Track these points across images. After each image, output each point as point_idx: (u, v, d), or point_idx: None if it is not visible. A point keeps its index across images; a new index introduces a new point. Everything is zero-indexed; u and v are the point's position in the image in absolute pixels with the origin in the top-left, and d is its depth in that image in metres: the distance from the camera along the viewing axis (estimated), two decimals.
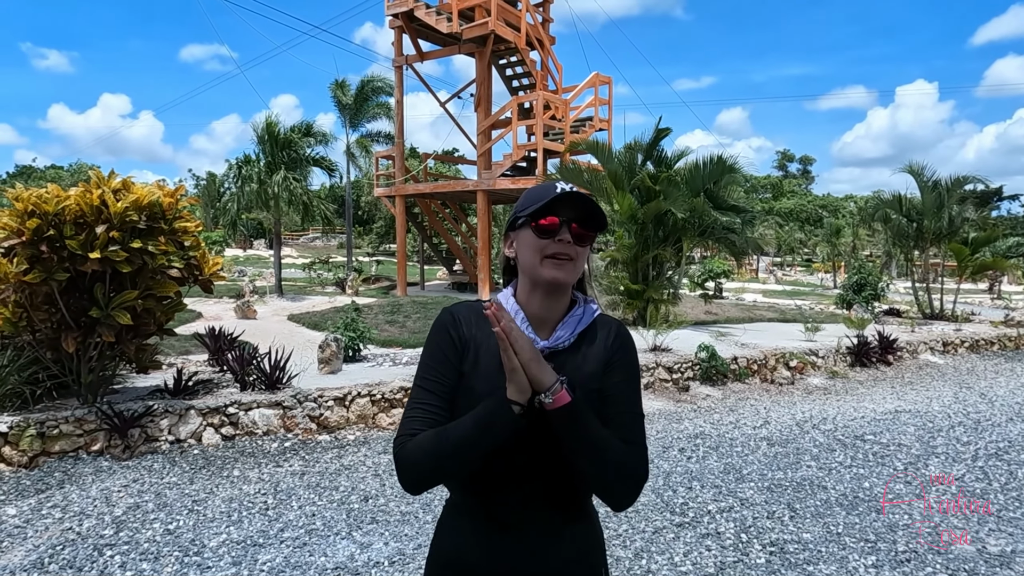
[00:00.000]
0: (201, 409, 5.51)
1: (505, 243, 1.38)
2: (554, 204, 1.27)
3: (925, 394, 8.08)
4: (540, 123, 15.32)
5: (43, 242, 4.74)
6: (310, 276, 23.05)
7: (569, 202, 1.28)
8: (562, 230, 1.27)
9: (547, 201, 1.27)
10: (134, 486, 4.50)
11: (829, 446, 5.69)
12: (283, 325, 11.85)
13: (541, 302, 1.31)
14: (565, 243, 1.26)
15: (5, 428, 4.82)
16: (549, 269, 1.27)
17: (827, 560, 3.49)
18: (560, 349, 1.30)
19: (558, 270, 1.27)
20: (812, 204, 63.17)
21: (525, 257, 1.30)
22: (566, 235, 1.27)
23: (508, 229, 1.37)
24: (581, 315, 1.34)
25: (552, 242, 1.26)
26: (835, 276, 35.38)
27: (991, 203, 16.50)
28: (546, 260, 1.27)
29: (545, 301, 1.31)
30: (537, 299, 1.31)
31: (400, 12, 16.25)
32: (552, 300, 1.31)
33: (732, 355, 8.49)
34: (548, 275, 1.27)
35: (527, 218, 1.29)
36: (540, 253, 1.27)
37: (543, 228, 1.27)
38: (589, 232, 1.30)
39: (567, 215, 1.28)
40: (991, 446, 5.76)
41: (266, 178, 15.77)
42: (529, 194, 1.33)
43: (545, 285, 1.29)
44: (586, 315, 1.34)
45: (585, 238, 1.29)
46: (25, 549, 3.55)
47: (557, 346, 1.30)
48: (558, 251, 1.26)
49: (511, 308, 1.31)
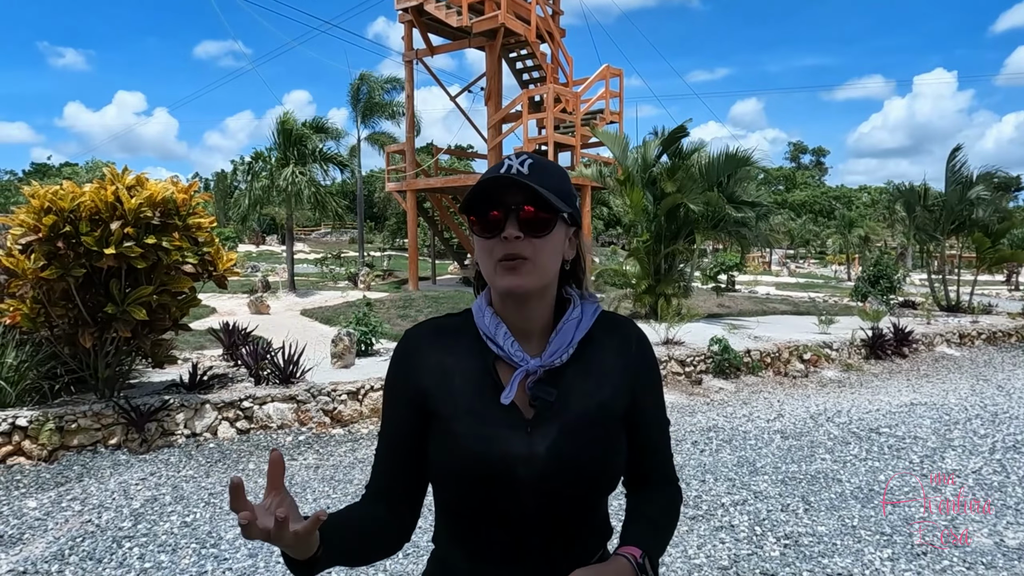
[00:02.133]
0: (216, 403, 5.56)
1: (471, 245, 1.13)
2: (492, 188, 0.97)
3: (941, 387, 8.00)
4: (551, 116, 15.26)
5: (59, 238, 4.79)
6: (322, 271, 23.18)
7: (514, 182, 0.96)
8: (508, 222, 0.96)
9: (477, 187, 0.97)
10: (151, 479, 4.55)
11: (844, 439, 5.65)
12: (296, 320, 11.92)
13: (517, 312, 1.03)
14: (513, 240, 0.96)
15: (25, 422, 4.89)
16: (503, 277, 0.98)
17: (842, 553, 3.47)
18: (558, 366, 1.02)
19: (513, 276, 0.97)
20: (826, 196, 62.61)
21: (481, 264, 1.02)
22: (513, 228, 0.96)
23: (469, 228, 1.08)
24: (579, 318, 1.05)
25: (499, 241, 0.97)
26: (849, 268, 35.06)
27: (1010, 192, 16.27)
28: (499, 265, 0.98)
29: (521, 311, 1.03)
30: (511, 308, 1.03)
31: (410, 6, 16.23)
32: (529, 308, 1.02)
33: (745, 348, 8.44)
34: (503, 285, 0.98)
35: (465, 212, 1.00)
36: (491, 256, 0.98)
37: (481, 225, 0.99)
38: (545, 215, 0.97)
39: (514, 200, 0.96)
40: (1009, 439, 5.69)
41: (278, 173, 15.86)
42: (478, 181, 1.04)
43: (507, 299, 1.02)
44: (585, 317, 1.05)
45: (541, 224, 0.97)
46: (46, 541, 3.61)
47: (553, 363, 1.01)
48: (508, 251, 0.96)
49: (489, 321, 1.03)
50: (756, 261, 36.65)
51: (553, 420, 0.99)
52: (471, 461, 0.97)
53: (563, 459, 0.98)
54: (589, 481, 1.00)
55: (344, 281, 19.70)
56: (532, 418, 1.00)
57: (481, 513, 1.00)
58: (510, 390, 0.98)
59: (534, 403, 1.00)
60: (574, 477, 0.99)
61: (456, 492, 1.01)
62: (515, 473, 0.97)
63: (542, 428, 0.99)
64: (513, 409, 0.99)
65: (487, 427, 0.98)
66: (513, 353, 1.01)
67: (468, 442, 0.98)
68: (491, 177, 0.97)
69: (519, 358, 1.00)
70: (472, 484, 0.98)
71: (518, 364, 1.00)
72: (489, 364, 1.02)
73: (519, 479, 0.97)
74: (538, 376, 1.00)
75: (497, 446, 0.97)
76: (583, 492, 1.01)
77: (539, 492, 0.98)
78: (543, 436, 0.98)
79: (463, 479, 0.99)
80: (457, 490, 1.01)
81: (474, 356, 1.03)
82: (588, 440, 1.00)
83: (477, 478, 0.98)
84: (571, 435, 0.99)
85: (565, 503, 1.00)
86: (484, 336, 1.03)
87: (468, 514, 1.02)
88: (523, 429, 0.99)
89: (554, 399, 0.99)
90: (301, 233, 47.29)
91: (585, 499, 1.02)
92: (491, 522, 1.00)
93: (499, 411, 0.99)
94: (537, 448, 0.98)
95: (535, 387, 1.00)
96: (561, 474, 0.98)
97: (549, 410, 1.00)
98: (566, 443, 0.98)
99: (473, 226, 1.00)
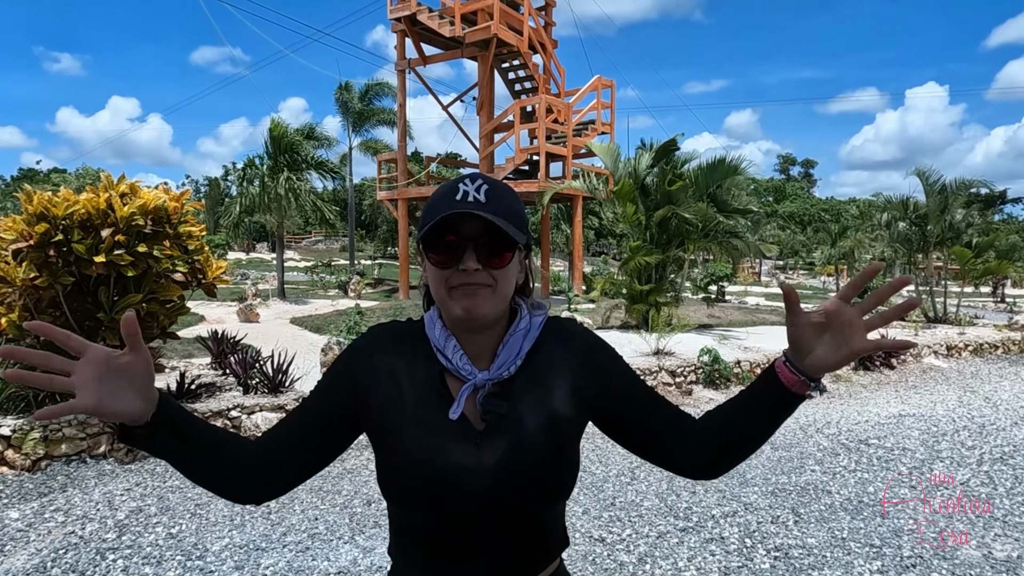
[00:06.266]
0: (204, 412, 5.50)
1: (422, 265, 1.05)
2: (451, 219, 0.94)
3: (929, 398, 8.05)
4: (542, 126, 15.34)
5: (50, 246, 4.75)
6: (313, 279, 23.09)
7: (472, 214, 0.93)
8: (467, 254, 0.94)
9: (440, 217, 0.93)
10: (137, 490, 4.50)
11: (833, 450, 5.67)
12: (286, 328, 11.86)
13: (466, 336, 1.01)
14: (472, 271, 0.94)
15: (8, 431, 4.82)
16: (459, 303, 0.96)
17: (832, 565, 3.47)
18: (507, 377, 1.01)
19: (469, 300, 0.95)
20: (815, 207, 63.15)
21: (432, 289, 1.00)
22: (471, 260, 0.94)
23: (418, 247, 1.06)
24: (527, 329, 1.03)
25: (455, 271, 0.95)
26: (838, 279, 35.31)
27: (995, 207, 16.48)
28: (453, 292, 0.96)
29: (472, 335, 1.01)
30: (462, 330, 1.01)
31: (403, 16, 16.30)
32: (480, 334, 1.02)
33: (735, 358, 8.47)
34: (458, 311, 0.96)
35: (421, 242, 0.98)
36: (444, 284, 0.97)
37: (439, 255, 0.96)
38: (506, 246, 0.96)
39: (472, 230, 0.94)
40: (996, 450, 5.73)
41: (269, 180, 15.82)
42: (427, 203, 1.00)
43: (461, 322, 1.00)
44: (533, 328, 1.04)
45: (500, 255, 0.96)
46: (28, 553, 3.55)
47: (501, 375, 1.00)
48: (465, 281, 0.95)
49: (439, 334, 1.01)
50: (746, 271, 36.84)
51: (503, 432, 0.98)
52: (418, 470, 0.96)
53: (511, 471, 0.97)
54: (538, 492, 1.00)
55: (334, 289, 19.63)
56: (483, 430, 0.99)
57: (430, 524, 1.00)
58: (458, 405, 0.98)
59: (485, 417, 0.99)
60: (522, 488, 0.98)
61: (404, 506, 1.00)
62: (463, 485, 0.96)
63: (491, 440, 0.98)
64: (463, 421, 0.98)
65: (434, 438, 0.97)
66: (461, 367, 1.00)
67: (414, 452, 0.97)
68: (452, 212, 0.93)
69: (467, 372, 0.99)
70: (419, 494, 0.97)
71: (466, 378, 0.99)
72: (439, 375, 1.01)
73: (467, 491, 0.96)
74: (487, 390, 1.00)
75: (444, 457, 0.96)
76: (533, 503, 1.00)
77: (488, 504, 0.97)
78: (492, 448, 0.97)
79: (412, 493, 0.98)
80: (406, 504, 1.00)
81: (425, 366, 1.02)
82: (537, 451, 0.99)
83: (424, 488, 0.97)
84: (520, 447, 0.98)
85: (515, 514, 1.00)
86: (434, 348, 1.02)
87: (418, 525, 1.01)
88: (472, 441, 0.98)
89: (505, 412, 0.98)
90: (291, 240, 47.12)
91: (535, 510, 1.01)
92: (441, 533, 0.99)
93: (447, 422, 0.98)
94: (485, 460, 0.97)
95: (486, 401, 0.99)
96: (510, 486, 0.97)
97: (501, 423, 0.99)
98: (515, 455, 0.97)
99: (427, 255, 0.98)
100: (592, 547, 3.66)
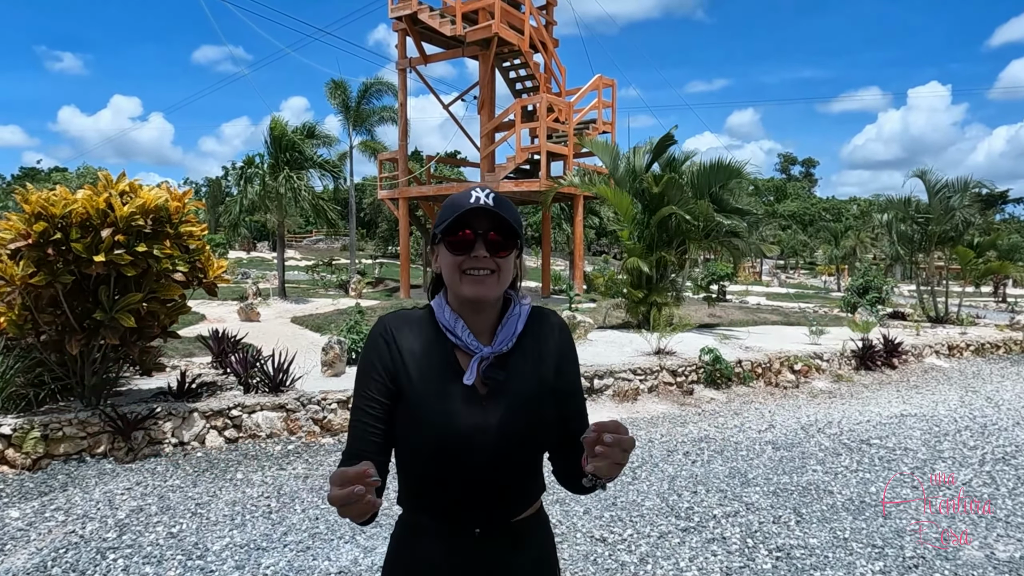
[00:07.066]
0: (204, 412, 5.50)
1: (432, 257, 1.33)
2: (467, 216, 1.23)
3: (931, 398, 8.04)
4: (543, 126, 15.32)
5: (49, 245, 4.74)
6: (313, 279, 23.08)
7: (484, 212, 1.23)
8: (477, 244, 1.22)
9: (458, 215, 1.22)
10: (137, 489, 4.49)
11: (835, 450, 5.66)
12: (286, 328, 11.85)
13: (472, 315, 1.27)
14: (481, 257, 1.22)
15: (9, 430, 4.82)
16: (469, 286, 1.23)
17: (834, 566, 3.46)
18: (505, 352, 1.27)
19: (478, 286, 1.23)
20: (815, 207, 63.09)
21: (445, 274, 1.27)
22: (481, 249, 1.22)
23: (431, 243, 1.32)
24: (519, 314, 1.32)
25: (468, 257, 1.22)
26: (839, 279, 35.30)
27: (996, 206, 16.46)
28: (464, 276, 1.23)
29: (476, 314, 1.28)
30: (468, 311, 1.27)
31: (404, 15, 16.27)
32: (484, 313, 1.28)
33: (736, 358, 8.45)
34: (468, 292, 1.23)
35: (440, 234, 1.25)
36: (458, 269, 1.23)
37: (456, 243, 1.23)
38: (508, 242, 1.25)
39: (482, 226, 1.23)
40: (998, 450, 5.72)
41: (270, 179, 15.80)
42: (445, 205, 1.27)
43: (468, 302, 1.26)
44: (523, 314, 1.32)
45: (504, 248, 1.25)
46: (28, 552, 3.54)
47: (501, 349, 1.27)
48: (475, 266, 1.22)
49: (448, 316, 1.27)
50: (746, 271, 36.82)
51: (502, 396, 1.24)
52: (437, 432, 1.21)
53: (511, 428, 1.23)
54: (532, 444, 1.27)
55: (335, 288, 19.62)
56: (486, 395, 1.24)
57: (442, 476, 1.23)
58: (471, 373, 1.23)
59: (487, 382, 1.24)
60: (520, 441, 1.25)
61: (422, 460, 1.24)
62: (473, 441, 1.21)
63: (494, 403, 1.24)
64: (470, 388, 1.23)
65: (450, 403, 1.22)
66: (470, 343, 1.25)
67: (434, 417, 1.21)
68: (469, 208, 1.21)
69: (475, 347, 1.25)
70: (437, 453, 1.21)
71: (474, 351, 1.25)
72: (449, 351, 1.26)
73: (476, 445, 1.21)
74: (490, 361, 1.25)
75: (458, 420, 1.21)
76: (526, 452, 1.27)
77: (492, 455, 1.22)
78: (495, 410, 1.23)
79: (430, 449, 1.22)
80: (423, 458, 1.23)
81: (436, 344, 1.27)
82: (530, 411, 1.25)
83: (442, 448, 1.21)
84: (517, 408, 1.24)
85: (512, 462, 1.25)
86: (444, 328, 1.27)
87: (431, 477, 1.24)
88: (479, 404, 1.23)
89: (504, 379, 1.25)
90: (292, 240, 47.12)
91: (527, 458, 1.28)
92: (451, 482, 1.23)
93: (459, 391, 1.23)
94: (490, 420, 1.22)
95: (488, 370, 1.25)
96: (510, 440, 1.23)
97: (500, 388, 1.24)
98: (513, 415, 1.24)
99: (445, 244, 1.24)
100: (593, 547, 3.65)
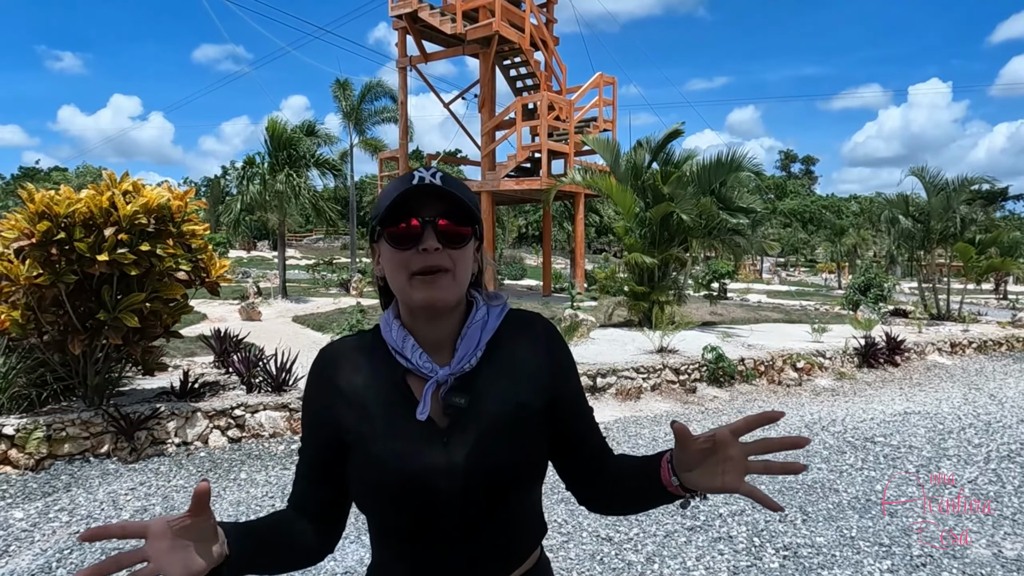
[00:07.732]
0: (207, 411, 5.49)
1: (373, 259, 1.05)
2: (410, 201, 0.95)
3: (934, 395, 8.02)
4: (544, 124, 15.29)
5: (52, 244, 4.72)
6: (314, 278, 23.07)
7: (432, 193, 0.95)
8: (426, 234, 0.94)
9: (397, 198, 0.94)
10: (141, 489, 4.48)
11: (839, 448, 5.64)
12: (288, 327, 11.84)
13: (427, 325, 1.00)
14: (433, 251, 0.94)
15: (12, 431, 4.80)
16: (419, 290, 0.95)
17: (841, 564, 3.45)
18: (468, 371, 0.99)
19: (431, 289, 0.95)
20: (815, 204, 63.08)
21: (390, 277, 0.99)
22: (431, 240, 0.94)
23: (370, 240, 1.03)
24: (484, 319, 1.02)
25: (416, 252, 0.94)
26: (839, 277, 35.28)
27: (996, 203, 16.44)
28: (414, 278, 0.95)
29: (433, 324, 1.00)
30: (422, 322, 1.00)
31: (404, 13, 16.24)
32: (441, 322, 1.01)
33: (739, 356, 8.44)
34: (420, 298, 0.96)
35: (379, 226, 0.97)
36: (405, 269, 0.96)
37: (399, 236, 0.95)
38: (463, 228, 0.97)
39: (431, 212, 0.95)
40: (1003, 448, 5.71)
41: (270, 178, 15.79)
42: (383, 191, 0.99)
43: (420, 311, 0.99)
44: (491, 318, 1.03)
45: (459, 237, 0.97)
46: (32, 553, 3.53)
47: (463, 368, 0.99)
48: (427, 264, 0.94)
49: (396, 334, 1.00)
50: (747, 269, 36.81)
51: (469, 426, 0.97)
52: (391, 478, 0.96)
53: (482, 465, 0.96)
54: (511, 480, 0.99)
55: (336, 287, 19.61)
56: (447, 427, 0.97)
57: (409, 527, 0.98)
58: (423, 405, 0.96)
59: (447, 412, 0.98)
60: (495, 480, 0.97)
61: (380, 510, 0.99)
62: (437, 486, 0.95)
63: (458, 436, 0.97)
64: (428, 421, 0.97)
65: (404, 443, 0.96)
66: (421, 365, 0.98)
67: (386, 461, 0.96)
68: (410, 187, 0.94)
69: (428, 369, 0.98)
70: (395, 501, 0.96)
71: (428, 376, 0.98)
72: (400, 379, 1.00)
73: (442, 491, 0.95)
74: (449, 385, 0.98)
75: (415, 462, 0.95)
76: (506, 492, 0.99)
77: (464, 501, 0.96)
78: (460, 444, 0.96)
79: (385, 497, 0.97)
80: (381, 508, 0.99)
81: (385, 372, 1.01)
82: (506, 441, 0.98)
83: (399, 495, 0.96)
84: (488, 439, 0.97)
85: (491, 506, 0.98)
86: (392, 350, 1.01)
87: (396, 529, 1.00)
88: (439, 441, 0.97)
89: (466, 405, 0.97)
90: (292, 239, 47.10)
91: (510, 498, 1.00)
92: (420, 532, 0.98)
93: (414, 426, 0.97)
94: (455, 458, 0.96)
95: (447, 395, 0.98)
96: (482, 480, 0.96)
97: (463, 417, 0.97)
98: (484, 448, 0.97)
99: (386, 238, 0.97)
100: (600, 546, 3.64)
